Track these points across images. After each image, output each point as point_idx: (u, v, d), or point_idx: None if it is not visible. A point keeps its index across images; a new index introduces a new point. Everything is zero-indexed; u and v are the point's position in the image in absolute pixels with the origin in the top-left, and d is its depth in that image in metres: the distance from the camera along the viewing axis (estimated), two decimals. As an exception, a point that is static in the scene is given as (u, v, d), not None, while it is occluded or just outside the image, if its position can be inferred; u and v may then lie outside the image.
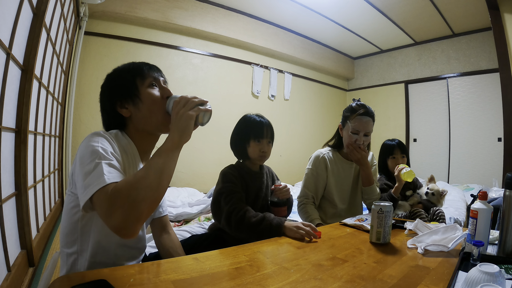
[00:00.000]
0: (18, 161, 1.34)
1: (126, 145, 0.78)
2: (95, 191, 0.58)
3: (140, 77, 0.79)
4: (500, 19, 2.75)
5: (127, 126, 0.81)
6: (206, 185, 3.44)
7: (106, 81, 0.82)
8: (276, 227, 0.97)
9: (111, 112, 0.80)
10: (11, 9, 1.16)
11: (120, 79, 0.80)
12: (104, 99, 0.82)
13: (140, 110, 0.78)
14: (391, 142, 1.77)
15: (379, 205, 0.90)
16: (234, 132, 1.22)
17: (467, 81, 4.14)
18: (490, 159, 3.88)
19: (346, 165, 1.44)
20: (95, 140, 0.68)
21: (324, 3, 3.55)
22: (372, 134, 1.39)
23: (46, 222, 1.90)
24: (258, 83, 4.17)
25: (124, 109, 0.79)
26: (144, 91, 0.78)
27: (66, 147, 2.75)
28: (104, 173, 0.60)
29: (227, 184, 1.11)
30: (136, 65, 0.82)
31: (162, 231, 0.97)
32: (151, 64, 0.85)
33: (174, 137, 0.67)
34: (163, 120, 0.78)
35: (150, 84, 0.79)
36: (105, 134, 0.72)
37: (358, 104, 1.38)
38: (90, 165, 0.62)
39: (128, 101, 0.78)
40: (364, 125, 1.33)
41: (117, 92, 0.79)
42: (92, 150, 0.65)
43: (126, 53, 3.09)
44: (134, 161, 0.79)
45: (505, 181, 0.82)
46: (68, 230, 0.72)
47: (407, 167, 1.44)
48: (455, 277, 0.63)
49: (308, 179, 1.41)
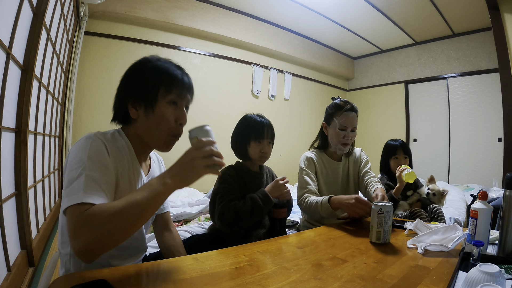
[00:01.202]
0: (18, 161, 1.34)
1: (122, 147, 0.75)
2: (70, 205, 0.57)
3: (165, 87, 0.73)
4: (500, 19, 2.75)
5: (130, 126, 0.78)
6: (206, 185, 3.43)
7: (132, 69, 0.76)
8: (265, 199, 1.07)
9: (122, 104, 0.76)
10: (11, 9, 1.16)
11: (145, 77, 0.74)
12: (121, 87, 0.77)
13: (148, 120, 0.74)
14: (394, 142, 1.77)
15: (379, 205, 0.90)
16: (234, 133, 1.22)
17: (467, 81, 4.14)
18: (490, 159, 3.88)
19: (334, 165, 1.42)
20: (86, 146, 0.65)
21: (324, 3, 3.55)
22: (372, 134, 1.40)
23: (46, 222, 1.90)
24: (258, 83, 4.17)
25: (134, 109, 0.75)
26: (161, 104, 0.73)
27: (66, 147, 2.75)
28: (82, 188, 0.58)
29: (223, 185, 1.11)
30: (168, 70, 0.74)
31: (164, 228, 0.96)
32: (186, 75, 0.78)
33: (173, 181, 0.61)
34: (164, 141, 0.76)
35: (171, 101, 0.74)
36: (99, 138, 0.69)
37: (343, 100, 1.37)
38: (74, 173, 0.61)
39: (141, 105, 0.74)
40: (351, 120, 1.33)
41: (135, 89, 0.74)
42: (80, 158, 0.63)
43: (126, 53, 3.09)
44: (131, 162, 0.76)
45: (505, 181, 0.82)
46: (63, 230, 0.72)
47: (408, 168, 1.44)
48: (455, 277, 0.63)
49: (303, 177, 1.36)
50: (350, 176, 1.45)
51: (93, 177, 0.61)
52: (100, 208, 0.57)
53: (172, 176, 0.62)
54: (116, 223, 0.56)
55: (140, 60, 0.77)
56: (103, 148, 0.68)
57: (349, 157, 1.47)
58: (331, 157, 1.44)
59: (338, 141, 1.35)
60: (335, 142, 1.37)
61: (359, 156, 1.49)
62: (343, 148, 1.36)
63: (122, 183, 0.72)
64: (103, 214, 0.55)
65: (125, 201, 0.58)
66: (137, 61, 0.77)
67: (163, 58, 0.78)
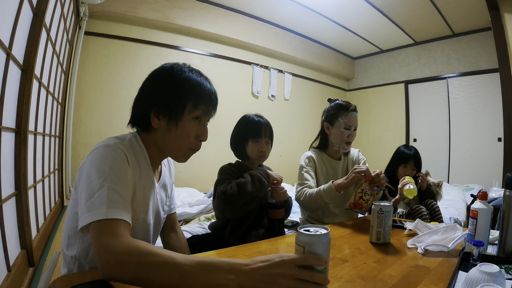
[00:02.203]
0: (18, 161, 1.34)
1: (139, 155, 0.72)
2: (93, 220, 0.54)
3: (193, 103, 0.70)
4: (500, 19, 2.75)
5: (148, 133, 0.74)
6: (206, 185, 3.44)
7: (161, 76, 0.72)
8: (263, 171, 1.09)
9: (144, 109, 0.72)
10: (11, 9, 1.16)
11: (177, 89, 0.70)
12: (146, 91, 0.73)
13: (170, 133, 0.71)
14: (408, 151, 1.73)
15: (379, 205, 0.90)
16: (233, 132, 1.23)
17: (467, 81, 4.14)
18: (490, 159, 3.88)
19: (334, 163, 1.45)
20: (105, 155, 0.62)
21: (324, 3, 3.55)
22: (372, 134, 1.42)
23: (46, 222, 1.90)
24: (258, 83, 4.17)
25: (156, 119, 0.71)
26: (186, 119, 0.71)
27: (66, 147, 2.75)
28: (105, 202, 0.55)
29: (224, 176, 1.13)
30: (201, 87, 0.71)
31: (170, 229, 0.95)
32: (214, 95, 0.74)
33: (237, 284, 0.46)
34: (183, 154, 0.74)
35: (196, 117, 0.72)
36: (119, 147, 0.65)
37: (344, 101, 1.44)
38: (94, 184, 0.58)
39: (165, 116, 0.70)
40: (355, 120, 1.40)
41: (163, 98, 0.70)
42: (100, 168, 0.60)
43: (126, 53, 3.09)
44: (146, 172, 0.74)
45: (505, 181, 0.82)
46: (69, 233, 0.70)
47: (411, 184, 1.42)
48: (455, 277, 0.63)
49: (303, 174, 1.37)
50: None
51: (116, 190, 0.58)
52: (137, 249, 0.51)
53: (241, 279, 0.46)
54: (143, 271, 0.49)
55: (172, 66, 0.73)
56: (124, 158, 0.65)
57: (347, 156, 1.50)
58: (331, 156, 1.46)
59: (342, 140, 1.39)
60: (339, 141, 1.40)
61: (357, 157, 1.52)
62: (347, 147, 1.41)
63: (137, 193, 0.70)
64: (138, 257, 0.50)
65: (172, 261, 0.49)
66: (167, 66, 0.73)
67: (195, 69, 0.75)
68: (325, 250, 0.49)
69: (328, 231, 0.50)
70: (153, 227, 0.80)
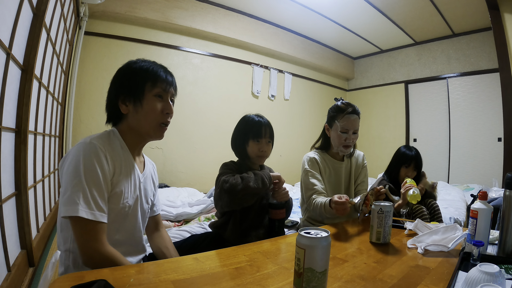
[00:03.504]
0: (18, 161, 1.34)
1: (118, 147, 0.81)
2: (69, 215, 0.66)
3: (151, 82, 0.81)
4: (500, 19, 2.75)
5: (122, 122, 0.85)
6: (206, 185, 3.43)
7: (120, 71, 0.84)
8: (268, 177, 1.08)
9: (113, 103, 0.83)
10: (11, 9, 1.16)
11: (132, 76, 0.82)
12: (111, 88, 0.84)
13: (138, 113, 0.81)
14: (409, 152, 1.72)
15: (379, 205, 0.90)
16: (234, 132, 1.23)
17: (467, 81, 4.13)
18: (490, 159, 3.88)
19: (336, 164, 1.43)
20: (82, 154, 0.71)
21: (324, 3, 3.55)
22: (372, 134, 1.40)
23: (46, 222, 1.90)
24: (258, 83, 4.17)
25: (124, 105, 0.82)
26: (148, 98, 0.81)
27: (66, 147, 2.75)
28: (81, 198, 0.67)
29: (227, 170, 1.14)
30: (152, 69, 0.83)
31: (154, 229, 1.01)
32: (168, 73, 0.86)
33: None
34: (155, 130, 0.83)
35: (156, 94, 0.82)
36: (94, 143, 0.73)
37: (344, 103, 1.37)
38: (70, 180, 0.68)
39: (130, 100, 0.81)
40: (353, 123, 1.33)
41: (124, 87, 0.82)
42: (76, 166, 0.69)
43: (126, 53, 3.09)
44: (125, 158, 0.81)
45: (505, 181, 0.82)
46: (61, 228, 0.75)
47: (415, 188, 1.41)
48: (455, 277, 0.63)
49: (309, 179, 1.35)
50: (352, 176, 1.46)
51: (90, 185, 0.69)
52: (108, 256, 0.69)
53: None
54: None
55: (127, 63, 0.85)
56: (99, 153, 0.73)
57: (351, 157, 1.47)
58: (334, 157, 1.44)
59: (340, 143, 1.35)
60: (337, 144, 1.37)
61: (361, 161, 1.49)
62: (345, 150, 1.37)
63: (117, 176, 0.78)
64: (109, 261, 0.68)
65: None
66: (124, 64, 0.85)
67: (148, 60, 0.86)
68: (326, 253, 0.50)
69: (329, 234, 0.51)
70: (140, 213, 0.87)
